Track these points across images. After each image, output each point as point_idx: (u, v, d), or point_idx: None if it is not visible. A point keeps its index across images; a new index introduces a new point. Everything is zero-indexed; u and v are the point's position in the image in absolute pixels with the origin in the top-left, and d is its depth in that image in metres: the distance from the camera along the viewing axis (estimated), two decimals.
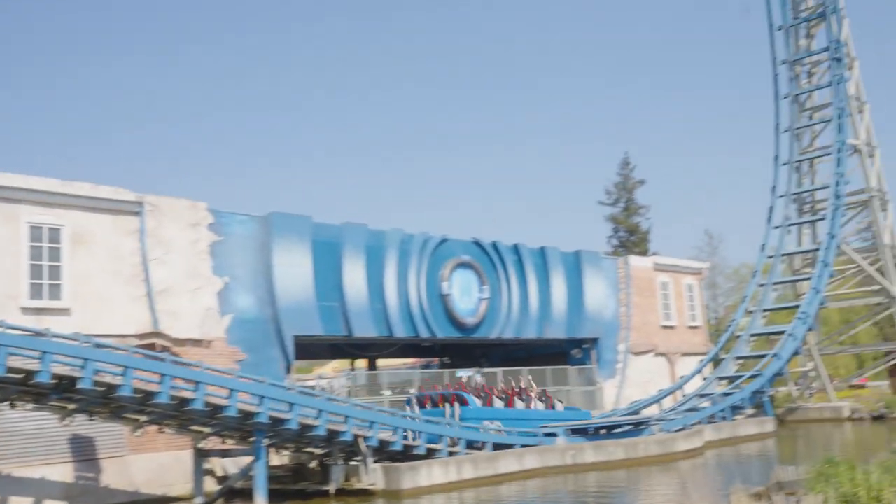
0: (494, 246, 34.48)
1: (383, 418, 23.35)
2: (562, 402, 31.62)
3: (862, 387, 49.22)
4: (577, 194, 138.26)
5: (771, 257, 45.81)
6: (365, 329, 29.25)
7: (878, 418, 40.62)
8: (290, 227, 27.38)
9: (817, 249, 44.63)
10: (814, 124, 49.99)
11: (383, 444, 23.26)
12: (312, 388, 29.27)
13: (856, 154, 47.82)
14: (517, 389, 29.74)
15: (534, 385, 30.71)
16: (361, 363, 39.89)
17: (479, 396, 28.09)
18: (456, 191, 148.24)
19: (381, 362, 40.24)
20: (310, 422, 21.49)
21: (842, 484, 12.80)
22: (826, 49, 49.15)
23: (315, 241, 28.09)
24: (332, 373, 57.31)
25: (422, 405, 27.60)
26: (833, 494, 12.09)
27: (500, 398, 28.85)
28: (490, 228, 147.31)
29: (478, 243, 34.10)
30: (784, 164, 48.97)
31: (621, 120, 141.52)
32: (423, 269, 31.30)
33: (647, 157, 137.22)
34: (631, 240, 63.97)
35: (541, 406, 29.88)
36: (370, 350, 36.71)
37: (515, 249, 35.29)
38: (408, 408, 27.13)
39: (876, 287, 47.24)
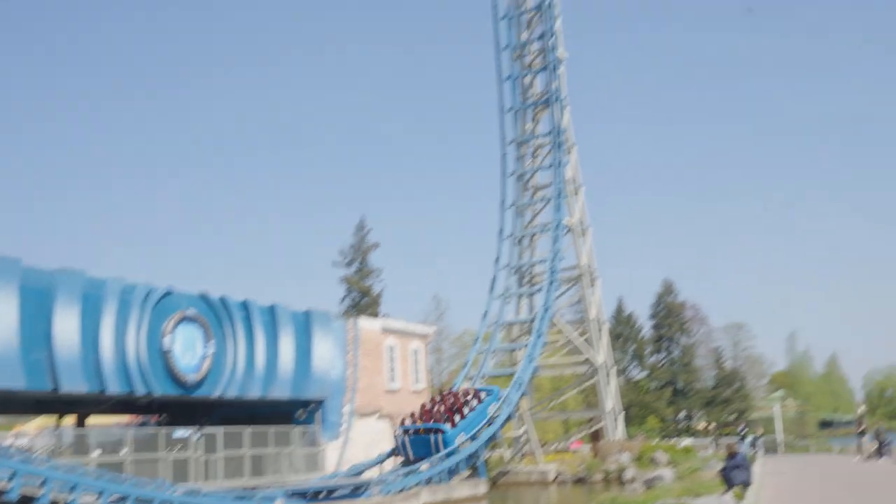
0: (222, 301, 33.49)
1: (87, 481, 21.68)
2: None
3: (567, 451, 52.59)
4: (315, 254, 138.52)
5: (492, 325, 48.29)
6: (75, 384, 27.10)
7: (579, 481, 43.53)
8: None
9: (533, 320, 47.63)
10: (535, 202, 53.77)
11: None
12: (8, 447, 26.57)
13: (570, 233, 51.87)
14: (462, 400, 37.32)
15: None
16: (70, 420, 36.83)
17: (443, 419, 35.82)
18: (192, 245, 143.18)
19: (92, 420, 37.41)
20: (1, 485, 19.49)
21: None
22: (549, 133, 53.35)
23: (24, 286, 25.82)
24: (34, 430, 52.42)
25: (408, 435, 34.26)
26: None
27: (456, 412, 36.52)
28: (224, 286, 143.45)
29: (205, 298, 32.96)
30: (507, 238, 52.13)
31: (359, 185, 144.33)
32: (144, 322, 29.65)
33: (382, 222, 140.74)
34: (363, 302, 64.86)
35: (475, 402, 38.57)
36: (80, 406, 34.01)
37: (244, 306, 34.50)
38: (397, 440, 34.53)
39: (583, 357, 51.07)
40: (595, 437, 50.52)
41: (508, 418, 42.00)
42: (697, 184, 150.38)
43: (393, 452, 36.83)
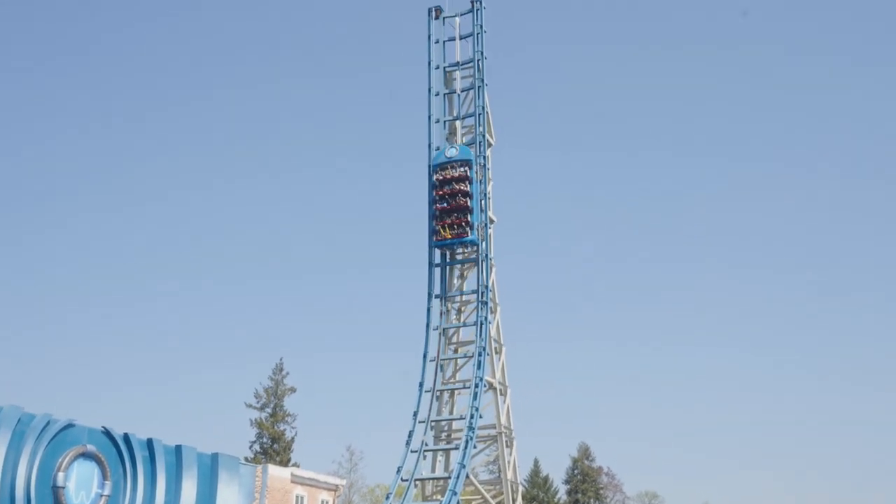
0: (126, 438, 31.81)
1: None
2: None
3: None
4: (229, 393, 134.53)
5: (405, 480, 46.96)
6: None
7: None
8: None
9: (448, 477, 46.53)
10: (457, 357, 53.62)
11: None
12: None
13: (491, 391, 51.62)
14: None
15: None
16: None
17: None
18: (99, 376, 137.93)
19: None
20: None
21: None
22: (475, 291, 53.85)
23: None
24: None
25: None
26: None
27: None
28: (128, 420, 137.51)
29: (107, 433, 31.29)
30: (427, 391, 51.52)
31: (277, 325, 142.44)
32: (38, 455, 27.86)
33: (300, 367, 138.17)
34: (273, 447, 62.72)
35: None
36: None
37: (149, 444, 32.83)
38: None
39: None
40: None
41: None
42: (617, 347, 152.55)
43: None
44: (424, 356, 53.01)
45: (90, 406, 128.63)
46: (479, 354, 50.96)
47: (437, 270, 55.40)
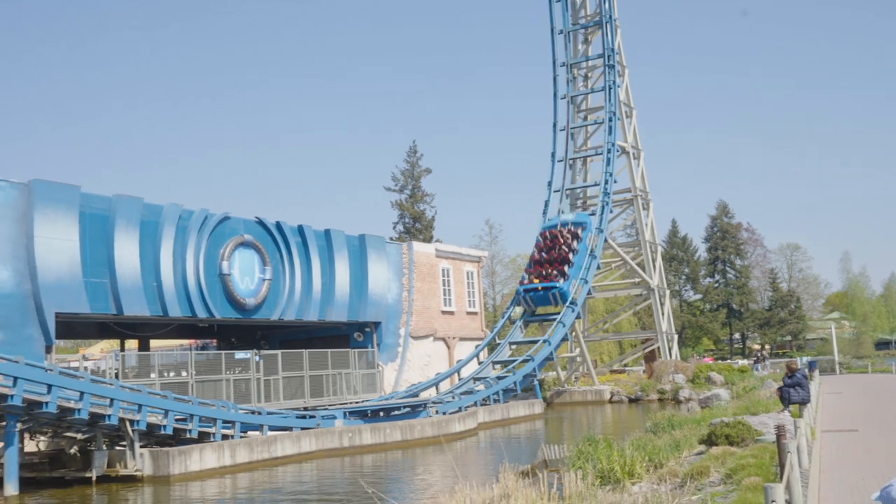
0: (278, 226, 33.75)
1: (152, 401, 22.29)
2: None
3: (622, 371, 52.79)
4: (366, 179, 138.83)
5: None
6: (137, 308, 27.69)
7: (634, 401, 43.75)
8: (54, 196, 25.34)
9: None
10: (587, 125, 52.94)
11: (152, 428, 22.24)
12: (76, 369, 27.42)
13: (623, 155, 51.11)
14: None
15: None
16: (132, 344, 37.90)
17: None
18: (245, 174, 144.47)
19: (154, 343, 38.44)
20: (71, 405, 20.14)
21: (599, 460, 13.63)
22: (601, 55, 52.16)
23: (83, 212, 26.21)
24: (99, 354, 54.08)
25: None
26: (591, 470, 12.80)
27: None
28: (278, 211, 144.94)
29: (261, 222, 33.24)
30: (560, 161, 51.53)
31: (410, 109, 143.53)
32: (202, 247, 30.04)
33: (435, 147, 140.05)
34: (416, 227, 64.98)
35: None
36: (142, 330, 34.93)
37: (300, 230, 34.74)
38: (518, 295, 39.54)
39: (637, 279, 50.82)
40: (649, 358, 50.58)
41: (563, 340, 42.16)
42: (751, 103, 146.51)
43: (513, 303, 44.38)
44: (554, 126, 52.63)
45: (239, 199, 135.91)
46: (610, 119, 50.12)
47: (561, 38, 53.74)
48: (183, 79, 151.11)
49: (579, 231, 44.62)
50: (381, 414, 29.17)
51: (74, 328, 31.85)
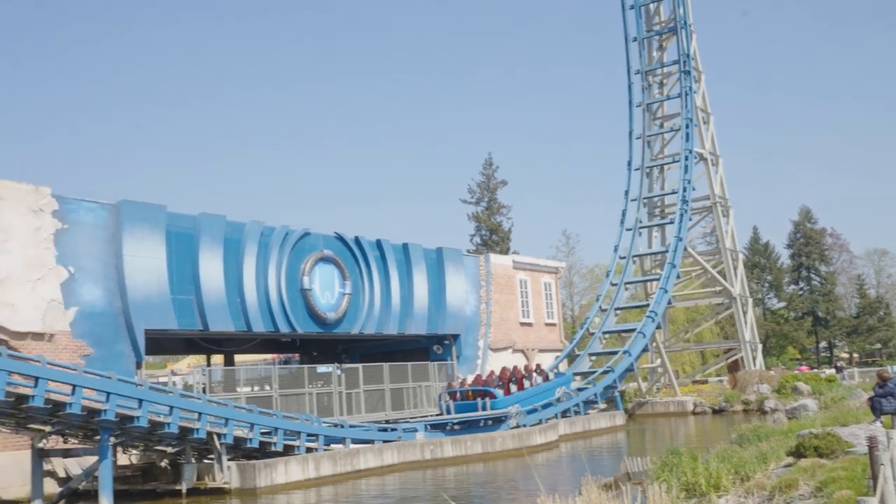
0: (357, 241, 34.25)
1: (238, 415, 22.82)
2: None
3: (704, 382, 51.83)
4: (442, 192, 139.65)
5: (623, 258, 47.61)
6: (222, 323, 28.43)
7: (718, 412, 42.88)
8: (142, 215, 26.24)
9: (665, 251, 46.71)
10: (664, 132, 52.31)
11: (239, 442, 22.76)
12: (165, 384, 28.29)
13: (701, 162, 50.32)
14: (523, 373, 33.83)
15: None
16: (218, 359, 38.85)
17: (497, 386, 31.86)
18: (321, 188, 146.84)
19: (238, 358, 39.33)
20: (161, 419, 20.75)
21: (684, 473, 13.43)
22: (676, 61, 51.54)
23: (169, 231, 27.05)
24: (186, 369, 55.53)
25: (453, 399, 31.20)
26: (676, 483, 12.63)
27: (513, 382, 32.92)
28: (354, 225, 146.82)
29: (340, 238, 33.79)
30: (636, 170, 50.99)
31: (485, 121, 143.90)
32: (283, 263, 30.70)
33: (510, 159, 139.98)
34: (492, 238, 65.10)
35: (540, 380, 34.30)
36: (227, 345, 35.78)
37: (378, 245, 35.20)
38: (441, 402, 31.62)
39: (718, 288, 49.89)
40: (732, 368, 49.57)
41: (644, 350, 41.65)
42: (831, 107, 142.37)
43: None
44: (630, 134, 52.16)
45: (317, 214, 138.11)
46: (686, 126, 49.42)
47: (635, 45, 53.31)
48: (252, 96, 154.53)
49: (551, 375, 36.57)
50: (462, 426, 29.24)
51: (163, 344, 32.81)
